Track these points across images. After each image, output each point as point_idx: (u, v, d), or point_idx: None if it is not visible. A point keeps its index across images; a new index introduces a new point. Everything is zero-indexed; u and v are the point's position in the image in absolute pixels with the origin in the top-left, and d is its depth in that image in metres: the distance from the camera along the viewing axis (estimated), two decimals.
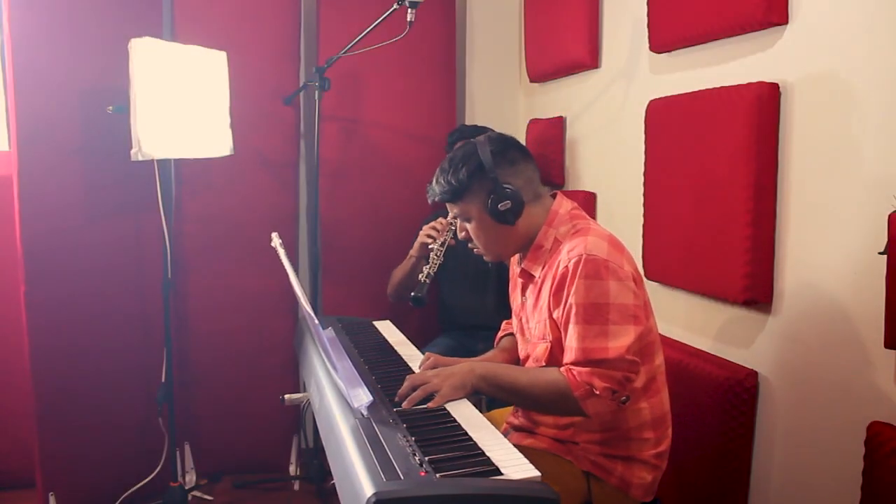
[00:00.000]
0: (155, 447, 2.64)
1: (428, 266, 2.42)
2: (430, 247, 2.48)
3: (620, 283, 1.48)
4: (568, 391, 1.46)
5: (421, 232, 2.54)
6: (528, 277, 1.69)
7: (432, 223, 2.53)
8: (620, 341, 1.45)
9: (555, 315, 1.56)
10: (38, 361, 2.33)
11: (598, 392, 1.45)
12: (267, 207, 2.86)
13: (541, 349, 1.62)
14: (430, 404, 1.49)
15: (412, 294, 2.34)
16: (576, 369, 1.47)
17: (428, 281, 2.39)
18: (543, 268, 1.63)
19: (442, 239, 2.45)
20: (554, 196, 1.68)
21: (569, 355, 1.49)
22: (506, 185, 1.58)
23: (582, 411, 1.48)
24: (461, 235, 1.72)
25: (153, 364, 2.58)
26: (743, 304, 1.81)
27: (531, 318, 1.68)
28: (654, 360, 1.60)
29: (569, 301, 1.50)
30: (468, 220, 1.66)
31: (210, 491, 2.80)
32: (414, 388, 1.52)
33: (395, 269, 2.77)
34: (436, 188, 1.65)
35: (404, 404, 1.49)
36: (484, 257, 1.72)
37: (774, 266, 1.76)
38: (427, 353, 1.85)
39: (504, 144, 1.64)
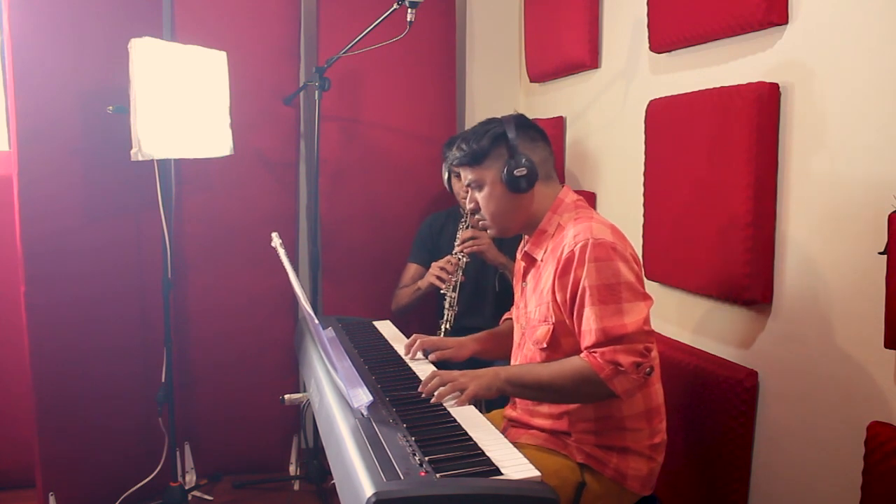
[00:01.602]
0: (155, 447, 2.64)
1: (444, 321, 2.44)
2: (441, 292, 2.49)
3: (627, 263, 1.54)
4: (593, 375, 1.49)
5: (430, 271, 2.54)
6: (530, 261, 1.74)
7: (442, 263, 2.50)
8: (635, 316, 1.50)
9: (559, 298, 1.59)
10: (38, 361, 2.33)
11: (623, 368, 1.47)
12: (267, 207, 2.86)
13: (542, 331, 1.64)
14: (455, 402, 1.53)
15: None
16: (598, 350, 1.49)
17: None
18: (546, 252, 1.67)
19: (453, 282, 2.46)
20: (562, 186, 1.74)
21: (588, 338, 1.52)
22: (523, 155, 1.64)
23: (611, 392, 1.50)
24: (469, 206, 1.76)
25: (153, 364, 2.58)
26: (743, 304, 1.81)
27: (530, 302, 1.72)
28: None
29: (580, 285, 1.53)
30: (480, 188, 1.70)
31: (210, 491, 2.80)
32: (443, 384, 1.57)
33: (399, 287, 2.78)
34: (455, 153, 1.71)
35: (433, 399, 1.54)
36: (488, 231, 1.76)
37: (774, 266, 1.76)
38: (414, 336, 1.92)
39: (527, 123, 1.71)
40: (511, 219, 1.71)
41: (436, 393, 1.55)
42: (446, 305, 2.46)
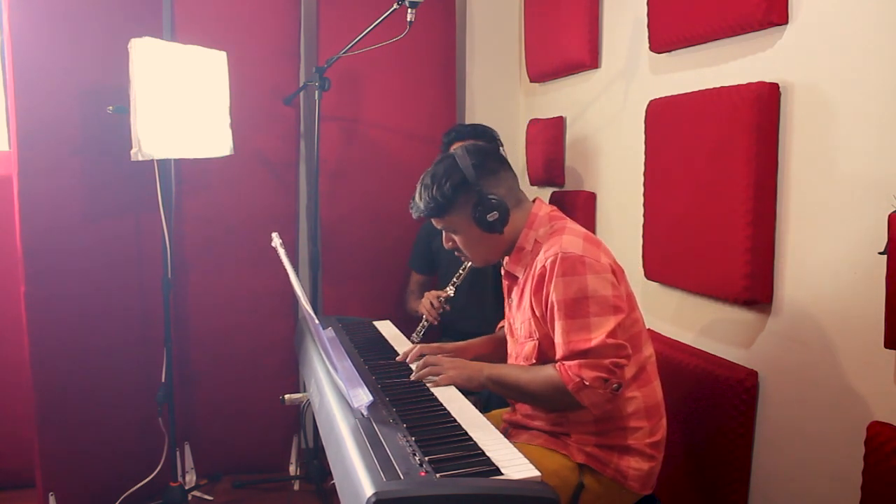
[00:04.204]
0: (155, 447, 2.64)
1: (417, 332, 2.44)
2: (426, 322, 2.48)
3: (598, 275, 1.53)
4: (562, 386, 1.52)
5: (426, 299, 2.52)
6: (511, 279, 1.75)
7: (432, 298, 2.49)
8: (601, 330, 1.50)
9: (537, 313, 1.61)
10: (38, 362, 2.33)
11: (588, 383, 1.49)
12: (267, 207, 2.86)
13: (529, 347, 1.66)
14: (434, 381, 1.64)
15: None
16: (566, 363, 1.52)
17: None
18: (526, 269, 1.67)
19: (437, 314, 2.46)
20: (534, 201, 1.74)
21: (558, 351, 1.55)
22: (490, 196, 1.61)
23: (579, 404, 1.52)
24: (447, 245, 1.76)
25: (153, 364, 2.58)
26: (743, 304, 1.81)
27: (516, 319, 1.73)
28: (643, 351, 1.64)
29: (550, 299, 1.55)
30: (455, 233, 1.70)
31: (210, 491, 2.80)
32: (426, 365, 1.69)
33: (409, 292, 2.82)
34: (420, 204, 1.69)
35: (413, 376, 1.68)
36: (472, 263, 1.78)
37: (774, 266, 1.76)
38: (415, 345, 1.92)
39: (483, 155, 1.68)
40: (492, 252, 1.72)
41: (415, 368, 1.69)
42: (423, 323, 2.46)
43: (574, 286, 1.52)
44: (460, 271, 2.42)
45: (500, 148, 2.68)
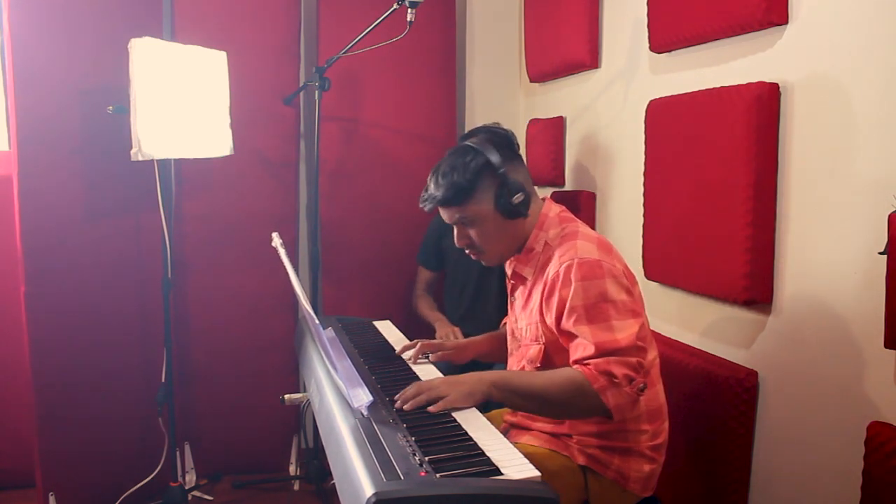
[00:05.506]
0: (155, 447, 2.63)
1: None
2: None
3: (615, 280, 1.52)
4: (586, 385, 1.43)
5: (441, 331, 2.57)
6: (519, 279, 1.72)
7: (444, 333, 2.54)
8: (627, 332, 1.48)
9: (547, 319, 1.58)
10: (38, 362, 2.33)
11: (617, 379, 1.43)
12: (267, 207, 2.86)
13: (534, 351, 1.64)
14: (432, 408, 1.44)
15: None
16: (592, 362, 1.45)
17: None
18: (535, 271, 1.65)
19: None
20: (543, 200, 1.72)
21: (580, 351, 1.48)
22: (514, 179, 1.61)
23: (603, 405, 1.44)
24: (460, 243, 1.70)
25: (153, 364, 2.58)
26: (743, 304, 1.81)
27: (520, 319, 1.71)
28: (648, 355, 1.62)
29: (567, 305, 1.52)
30: (471, 224, 1.64)
31: (210, 491, 2.80)
32: (419, 393, 1.47)
33: (416, 294, 2.83)
34: (436, 193, 1.62)
35: (406, 406, 1.45)
36: (485, 263, 1.72)
37: (774, 266, 1.76)
38: (416, 340, 1.89)
39: (504, 141, 1.68)
40: (510, 246, 1.68)
41: (409, 402, 1.45)
42: None
43: (593, 290, 1.50)
44: None
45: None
